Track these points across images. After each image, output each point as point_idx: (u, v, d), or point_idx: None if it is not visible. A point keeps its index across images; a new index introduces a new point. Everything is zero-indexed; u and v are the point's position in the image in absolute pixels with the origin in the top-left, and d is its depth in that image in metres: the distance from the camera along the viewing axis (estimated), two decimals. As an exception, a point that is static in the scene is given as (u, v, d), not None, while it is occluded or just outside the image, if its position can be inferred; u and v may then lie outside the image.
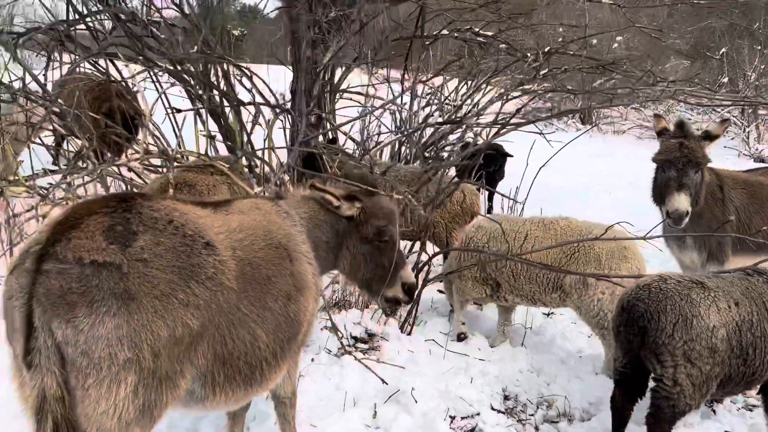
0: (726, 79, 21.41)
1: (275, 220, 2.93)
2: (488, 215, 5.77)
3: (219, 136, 6.80)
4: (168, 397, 2.24)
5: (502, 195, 4.66)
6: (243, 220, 2.72)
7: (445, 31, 7.13)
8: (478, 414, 4.01)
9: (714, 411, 4.07)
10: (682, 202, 4.64)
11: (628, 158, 14.25)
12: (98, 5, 6.23)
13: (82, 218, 2.15)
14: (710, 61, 22.21)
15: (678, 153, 4.75)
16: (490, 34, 6.95)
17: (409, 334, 4.95)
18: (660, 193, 4.91)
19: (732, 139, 19.18)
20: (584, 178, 11.81)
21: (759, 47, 20.52)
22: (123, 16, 6.28)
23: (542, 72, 6.26)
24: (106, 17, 6.24)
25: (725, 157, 16.14)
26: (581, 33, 7.47)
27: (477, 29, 7.04)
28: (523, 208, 8.18)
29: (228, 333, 2.43)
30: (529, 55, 6.47)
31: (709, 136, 4.92)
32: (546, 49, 6.28)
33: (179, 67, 6.16)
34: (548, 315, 5.64)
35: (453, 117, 6.96)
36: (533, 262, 4.37)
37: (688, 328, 3.40)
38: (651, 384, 3.56)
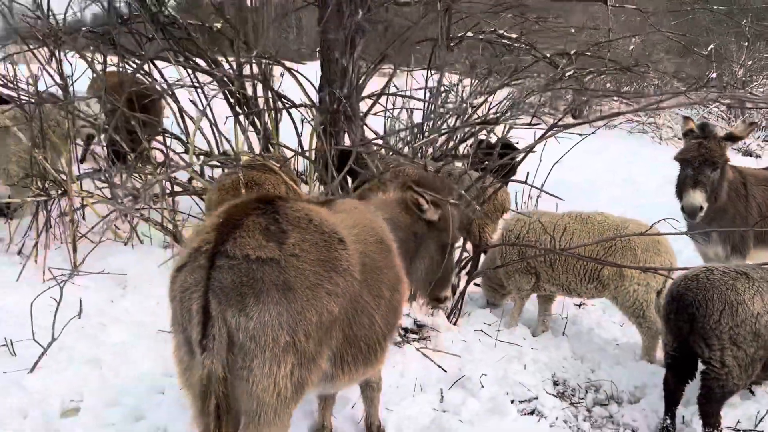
0: (714, 75, 21.81)
1: (373, 218, 3.19)
2: (521, 212, 6.03)
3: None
4: (314, 376, 2.50)
5: (547, 192, 4.90)
6: (353, 217, 2.98)
7: (469, 33, 7.39)
8: (536, 398, 4.30)
9: (752, 392, 4.39)
10: (696, 197, 5.00)
11: (621, 154, 14.47)
12: (140, 9, 6.39)
13: (241, 219, 2.40)
14: (697, 56, 22.61)
15: (695, 153, 5.10)
16: (514, 36, 7.24)
17: (455, 324, 5.22)
18: (679, 190, 5.25)
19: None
20: (584, 173, 12.05)
21: (746, 43, 21.00)
22: (164, 20, 6.46)
23: (568, 73, 6.56)
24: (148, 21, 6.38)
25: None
26: (603, 35, 7.78)
27: (501, 31, 7.31)
28: (536, 204, 8.53)
29: (353, 318, 2.70)
30: (551, 57, 6.77)
31: (732, 137, 5.26)
32: (573, 52, 6.57)
33: (230, 70, 6.36)
34: (579, 306, 5.94)
35: (472, 116, 7.21)
36: (584, 256, 4.64)
37: (734, 315, 3.72)
38: (701, 367, 3.88)
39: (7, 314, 4.66)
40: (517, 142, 7.41)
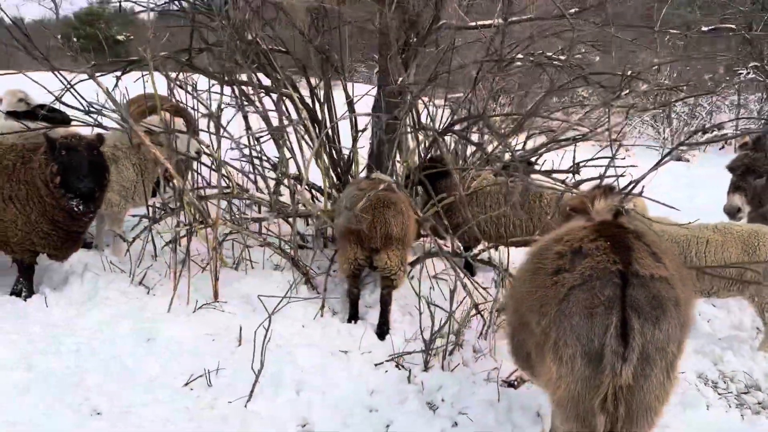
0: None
1: None
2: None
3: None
4: None
5: (665, 204, 5.33)
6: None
7: (519, 55, 7.81)
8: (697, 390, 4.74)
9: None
10: (735, 200, 5.78)
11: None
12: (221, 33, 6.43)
13: (626, 242, 2.68)
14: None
15: (740, 162, 5.89)
16: (563, 58, 7.72)
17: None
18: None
19: (656, 140, 20.69)
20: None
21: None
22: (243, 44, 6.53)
23: (624, 93, 7.09)
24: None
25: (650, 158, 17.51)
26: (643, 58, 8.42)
27: (549, 54, 7.78)
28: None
29: None
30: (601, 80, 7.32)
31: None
32: (629, 73, 7.12)
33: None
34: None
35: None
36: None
37: None
38: None
39: (177, 345, 4.66)
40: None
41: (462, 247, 6.68)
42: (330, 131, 6.96)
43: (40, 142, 4.92)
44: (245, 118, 6.79)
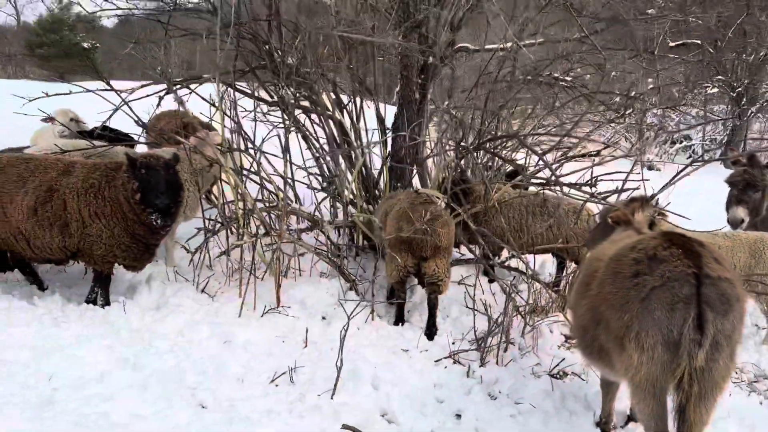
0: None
1: None
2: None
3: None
4: None
5: (676, 214, 5.93)
6: None
7: (529, 77, 8.44)
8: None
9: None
10: (738, 212, 6.48)
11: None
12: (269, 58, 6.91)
13: (697, 250, 3.26)
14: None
15: (740, 178, 6.58)
16: (569, 78, 8.38)
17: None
18: (727, 206, 6.69)
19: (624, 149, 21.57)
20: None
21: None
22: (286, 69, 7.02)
23: (628, 111, 7.78)
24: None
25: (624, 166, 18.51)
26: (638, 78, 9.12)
27: (557, 75, 8.42)
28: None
29: None
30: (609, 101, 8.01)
31: (773, 167, 6.73)
32: (633, 94, 7.81)
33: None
34: None
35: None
36: None
37: None
38: None
39: (253, 347, 5.12)
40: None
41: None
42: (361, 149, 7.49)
43: (121, 161, 5.35)
44: (305, 138, 7.21)
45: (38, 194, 5.20)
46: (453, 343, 5.49)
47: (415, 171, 7.95)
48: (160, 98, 7.16)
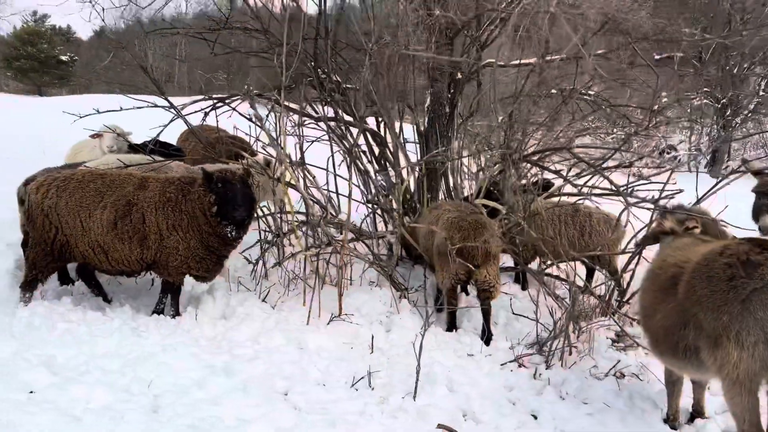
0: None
1: None
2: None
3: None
4: None
5: (726, 222, 6.21)
6: None
7: (553, 90, 8.77)
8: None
9: None
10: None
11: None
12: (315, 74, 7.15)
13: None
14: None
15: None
16: (592, 93, 8.73)
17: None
18: (755, 214, 7.03)
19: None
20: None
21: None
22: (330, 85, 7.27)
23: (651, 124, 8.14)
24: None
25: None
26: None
27: (580, 89, 8.76)
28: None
29: None
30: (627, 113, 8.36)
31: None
32: (655, 108, 8.18)
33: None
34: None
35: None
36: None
37: None
38: None
39: (326, 352, 5.34)
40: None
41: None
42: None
43: (194, 176, 5.54)
44: (350, 153, 7.43)
45: (117, 208, 5.38)
46: (511, 348, 5.75)
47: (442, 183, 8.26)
48: (206, 114, 7.37)
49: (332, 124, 7.30)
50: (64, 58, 54.49)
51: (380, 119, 7.82)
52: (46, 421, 3.78)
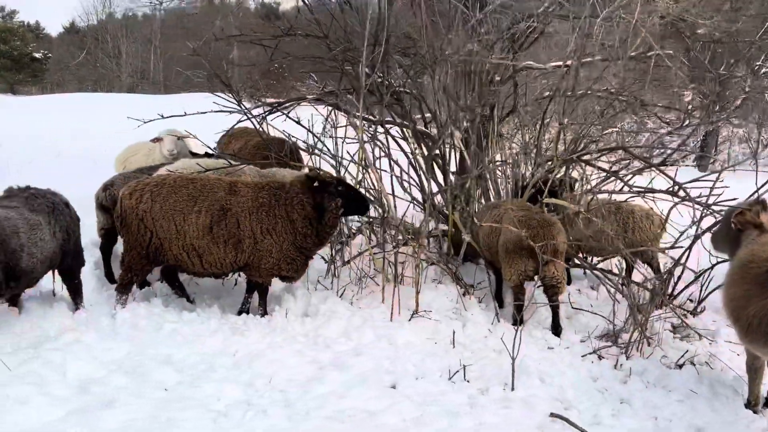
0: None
1: None
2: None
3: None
4: None
5: None
6: None
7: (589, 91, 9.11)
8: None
9: None
10: None
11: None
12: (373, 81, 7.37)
13: None
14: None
15: None
16: (626, 93, 9.08)
17: None
18: None
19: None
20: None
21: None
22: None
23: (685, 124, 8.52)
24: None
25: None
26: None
27: (613, 90, 9.11)
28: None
29: None
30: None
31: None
32: (689, 107, 8.57)
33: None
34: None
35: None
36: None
37: None
38: None
39: (413, 347, 5.60)
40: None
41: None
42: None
43: (282, 181, 5.77)
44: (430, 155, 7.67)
45: (212, 213, 5.56)
46: (583, 341, 6.06)
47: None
48: (263, 118, 7.54)
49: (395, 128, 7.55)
50: (37, 55, 53.66)
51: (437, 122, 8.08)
52: (195, 416, 3.99)
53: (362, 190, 6.88)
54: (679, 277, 7.16)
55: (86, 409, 3.96)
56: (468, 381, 5.14)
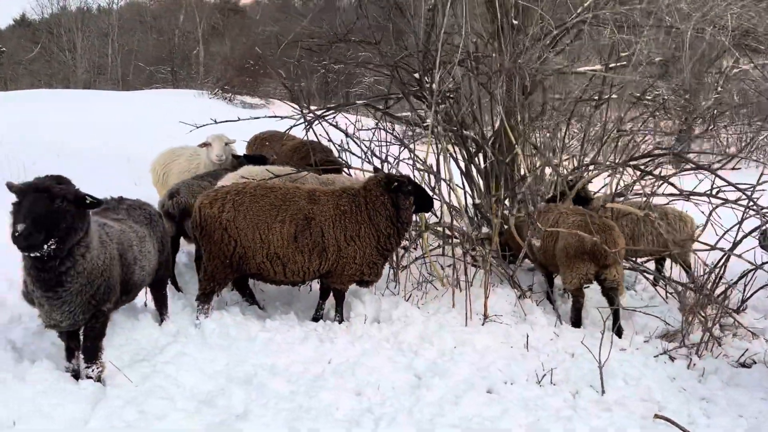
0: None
1: None
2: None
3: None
4: None
5: None
6: None
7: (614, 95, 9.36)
8: None
9: None
10: None
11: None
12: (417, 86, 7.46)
13: None
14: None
15: None
16: (649, 98, 9.37)
17: None
18: None
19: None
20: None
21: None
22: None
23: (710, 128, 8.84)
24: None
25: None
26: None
27: (638, 95, 9.38)
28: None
29: None
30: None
31: None
32: (715, 111, 8.88)
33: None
34: None
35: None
36: None
37: None
38: None
39: (490, 352, 5.71)
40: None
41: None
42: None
43: (354, 187, 5.85)
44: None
45: (297, 222, 5.59)
46: (646, 341, 6.26)
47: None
48: (309, 124, 7.57)
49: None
50: (-1, 50, 52.06)
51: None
52: (329, 426, 4.05)
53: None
54: (721, 277, 7.41)
55: (224, 423, 3.97)
56: (554, 384, 5.28)
